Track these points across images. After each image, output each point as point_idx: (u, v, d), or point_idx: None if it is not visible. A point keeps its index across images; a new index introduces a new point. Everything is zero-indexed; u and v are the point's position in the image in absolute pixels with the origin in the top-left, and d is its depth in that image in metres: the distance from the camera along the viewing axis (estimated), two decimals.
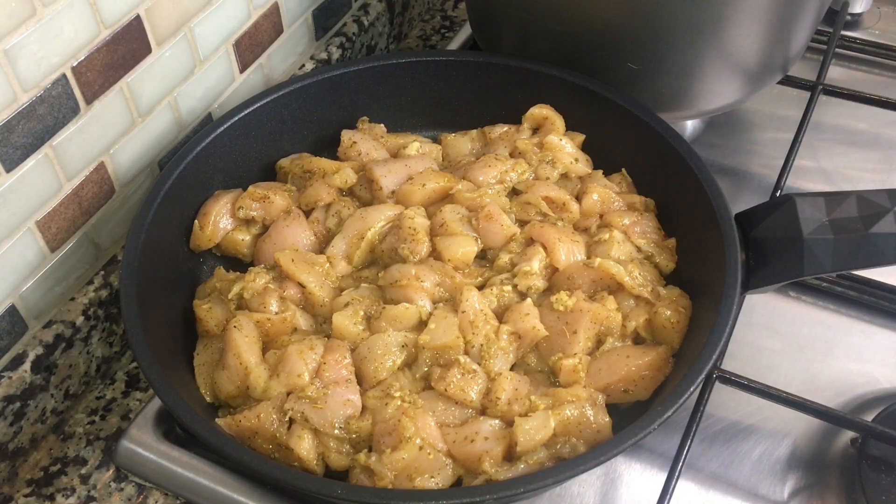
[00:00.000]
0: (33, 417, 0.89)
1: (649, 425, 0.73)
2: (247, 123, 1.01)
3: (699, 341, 0.80)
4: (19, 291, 0.87)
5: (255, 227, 0.98)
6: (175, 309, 0.92)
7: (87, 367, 0.95)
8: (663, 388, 0.83)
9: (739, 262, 0.82)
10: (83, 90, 0.87)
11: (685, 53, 1.00)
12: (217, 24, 1.01)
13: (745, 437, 0.90)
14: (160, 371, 0.78)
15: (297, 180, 1.03)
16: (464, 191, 0.97)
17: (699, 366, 0.77)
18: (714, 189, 0.90)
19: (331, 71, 1.05)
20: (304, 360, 0.82)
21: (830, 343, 0.98)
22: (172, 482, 0.86)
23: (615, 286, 0.90)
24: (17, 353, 0.88)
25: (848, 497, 0.85)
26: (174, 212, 0.94)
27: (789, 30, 1.03)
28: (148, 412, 0.90)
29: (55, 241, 0.90)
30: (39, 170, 0.85)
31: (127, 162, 0.96)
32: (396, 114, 1.11)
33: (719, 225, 0.86)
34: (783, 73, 1.11)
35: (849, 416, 0.87)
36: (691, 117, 1.15)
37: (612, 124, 1.02)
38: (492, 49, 1.14)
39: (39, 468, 0.90)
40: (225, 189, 1.00)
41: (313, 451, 0.80)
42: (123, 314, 0.81)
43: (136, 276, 0.84)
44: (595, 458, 0.72)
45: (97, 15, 0.85)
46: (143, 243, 0.87)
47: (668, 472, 0.81)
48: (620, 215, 0.96)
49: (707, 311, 0.83)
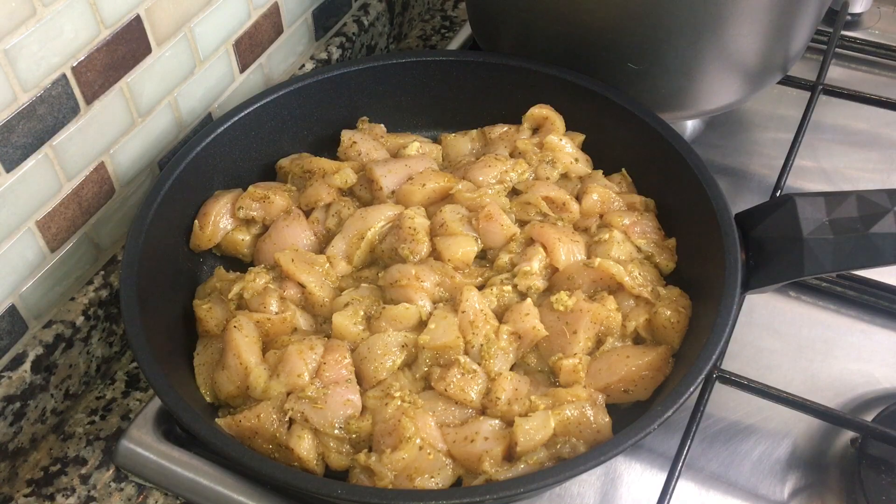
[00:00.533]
0: (33, 417, 0.89)
1: (649, 425, 0.73)
2: (247, 123, 1.01)
3: (699, 341, 0.80)
4: (19, 291, 0.87)
5: (255, 227, 0.98)
6: (175, 309, 0.92)
7: (87, 366, 0.95)
8: (663, 388, 0.83)
9: (739, 262, 0.82)
10: (83, 90, 0.87)
11: (685, 53, 1.00)
12: (217, 24, 1.01)
13: (745, 437, 0.90)
14: (160, 371, 0.78)
15: (297, 180, 1.03)
16: (464, 191, 0.97)
17: (699, 366, 0.77)
18: (714, 189, 0.90)
19: (331, 71, 1.05)
20: (304, 360, 0.82)
21: (830, 343, 0.98)
22: (172, 482, 0.86)
23: (615, 286, 0.90)
24: (17, 353, 0.88)
25: (848, 497, 0.85)
26: (174, 212, 0.94)
27: (789, 30, 1.03)
28: (148, 412, 0.89)
29: (55, 241, 0.90)
30: (39, 170, 0.85)
31: (127, 162, 0.96)
32: (396, 114, 1.11)
33: (719, 225, 0.86)
34: (783, 73, 1.11)
35: (849, 416, 0.87)
36: (691, 117, 1.15)
37: (612, 124, 1.02)
38: (492, 49, 1.14)
39: (39, 468, 0.90)
40: (225, 189, 1.00)
41: (313, 451, 0.80)
42: (123, 314, 0.81)
43: (136, 277, 0.84)
44: (595, 458, 0.72)
45: (97, 15, 0.85)
46: (143, 243, 0.87)
47: (668, 472, 0.81)
48: (620, 215, 0.96)
49: (707, 311, 0.83)
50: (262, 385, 0.82)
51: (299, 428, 0.80)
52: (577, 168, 1.01)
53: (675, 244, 0.95)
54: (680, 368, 0.83)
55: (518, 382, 0.83)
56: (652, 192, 1.00)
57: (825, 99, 1.17)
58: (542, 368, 0.87)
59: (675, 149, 0.95)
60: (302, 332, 0.89)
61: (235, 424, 0.80)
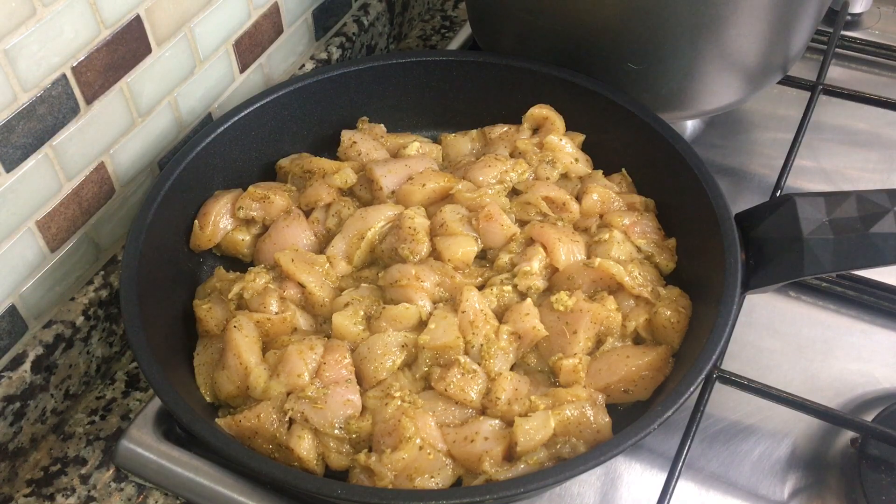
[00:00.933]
0: (33, 417, 0.89)
1: (649, 425, 0.73)
2: (247, 123, 1.01)
3: (699, 342, 0.80)
4: (19, 291, 0.87)
5: (255, 227, 0.99)
6: (175, 309, 0.92)
7: (87, 367, 0.95)
8: (663, 388, 0.83)
9: (740, 262, 0.82)
10: (83, 90, 0.87)
11: (685, 53, 1.00)
12: (217, 24, 1.01)
13: (745, 437, 0.90)
14: (160, 371, 0.78)
15: (297, 180, 1.03)
16: (464, 191, 0.97)
17: (699, 366, 0.77)
18: (714, 189, 0.90)
19: (331, 71, 1.05)
20: (304, 360, 0.82)
21: (830, 343, 0.98)
22: (172, 482, 0.86)
23: (615, 286, 0.90)
24: (17, 353, 0.88)
25: (848, 497, 0.85)
26: (174, 212, 0.94)
27: (789, 30, 1.03)
28: (148, 412, 0.89)
29: (55, 241, 0.90)
30: (39, 170, 0.85)
31: (127, 162, 0.96)
32: (396, 114, 1.11)
33: (719, 225, 0.86)
34: (783, 73, 1.11)
35: (849, 417, 0.87)
36: (691, 117, 1.15)
37: (613, 124, 1.02)
38: (492, 49, 1.14)
39: (39, 468, 0.90)
40: (225, 189, 1.00)
41: (313, 451, 0.80)
42: (123, 314, 0.81)
43: (137, 277, 0.84)
44: (595, 458, 0.72)
45: (97, 15, 0.85)
46: (143, 243, 0.87)
47: (668, 472, 0.81)
48: (620, 215, 0.96)
49: (707, 312, 0.83)
50: (262, 385, 0.82)
51: (299, 428, 0.80)
52: (577, 168, 1.01)
53: (674, 244, 0.95)
54: (680, 369, 0.83)
55: (518, 382, 0.83)
56: (652, 192, 1.00)
57: (825, 99, 1.17)
58: (542, 368, 0.87)
59: (675, 149, 0.95)
60: (302, 332, 0.89)
61: (235, 424, 0.80)
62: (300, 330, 0.89)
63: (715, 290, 0.83)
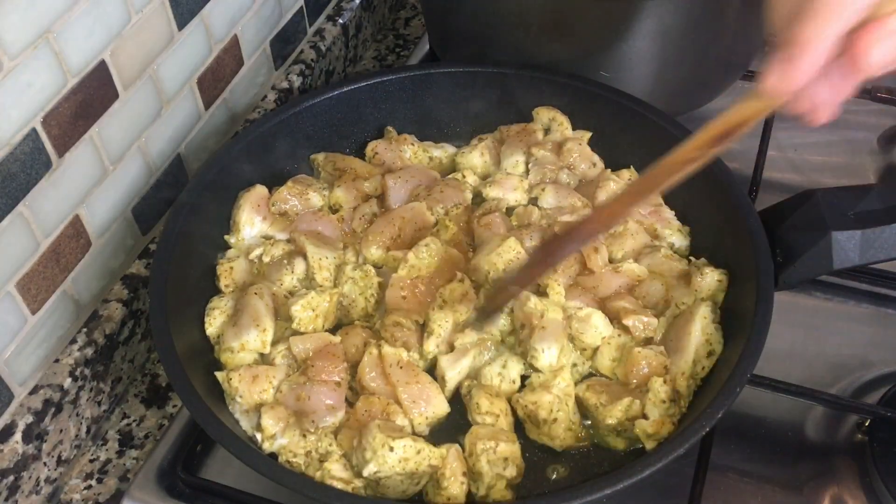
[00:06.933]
0: (27, 489, 0.84)
1: (702, 429, 0.75)
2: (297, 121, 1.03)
3: (737, 343, 0.81)
4: (3, 358, 0.83)
5: (289, 222, 0.99)
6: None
7: (78, 429, 0.90)
8: (705, 394, 0.83)
9: (771, 261, 0.83)
10: (54, 142, 0.83)
11: (653, 61, 1.01)
12: (180, 62, 0.98)
13: (753, 428, 0.90)
14: (206, 409, 0.77)
15: (328, 177, 1.04)
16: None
17: (743, 368, 0.78)
18: (736, 187, 0.90)
19: (370, 78, 1.06)
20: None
21: (822, 330, 0.99)
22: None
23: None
24: (5, 423, 0.83)
25: (862, 481, 0.86)
26: (209, 208, 0.96)
27: (747, 30, 1.05)
28: (148, 470, 0.86)
29: (35, 301, 0.85)
30: (15, 230, 0.81)
31: (101, 212, 0.92)
32: (429, 124, 1.10)
33: (744, 223, 0.87)
34: (744, 70, 1.13)
35: (857, 403, 0.88)
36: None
37: (621, 125, 1.02)
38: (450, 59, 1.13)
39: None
40: (261, 184, 1.00)
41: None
42: (154, 335, 0.81)
43: (167, 272, 0.86)
44: (637, 472, 0.73)
45: (63, 64, 0.82)
46: (176, 238, 0.89)
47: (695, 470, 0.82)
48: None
49: (740, 313, 0.84)
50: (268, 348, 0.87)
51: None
52: (594, 172, 1.02)
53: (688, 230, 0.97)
54: (720, 372, 0.83)
55: None
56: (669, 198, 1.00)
57: None
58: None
59: None
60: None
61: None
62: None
63: (742, 288, 0.84)
